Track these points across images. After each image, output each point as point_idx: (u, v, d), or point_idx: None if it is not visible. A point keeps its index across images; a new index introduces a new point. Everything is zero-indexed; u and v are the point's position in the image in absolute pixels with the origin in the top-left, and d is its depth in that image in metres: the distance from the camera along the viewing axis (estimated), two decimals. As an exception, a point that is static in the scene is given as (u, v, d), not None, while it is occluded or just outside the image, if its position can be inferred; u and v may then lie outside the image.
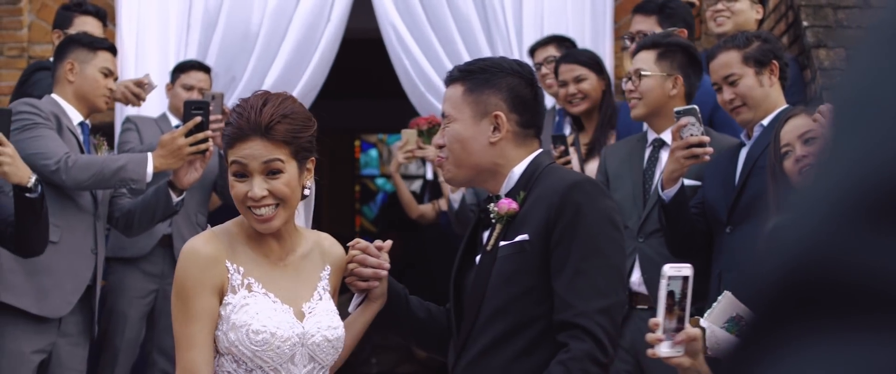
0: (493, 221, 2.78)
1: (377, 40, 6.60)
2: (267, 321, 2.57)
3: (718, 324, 3.03)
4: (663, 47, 4.22)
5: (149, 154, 4.44)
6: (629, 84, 4.30)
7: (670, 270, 2.64)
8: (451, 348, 2.87)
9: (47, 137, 4.46)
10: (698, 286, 4.09)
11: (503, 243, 2.75)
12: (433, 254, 7.26)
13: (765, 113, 4.05)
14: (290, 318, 2.61)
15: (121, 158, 4.53)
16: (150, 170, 4.42)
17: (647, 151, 4.30)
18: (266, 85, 6.28)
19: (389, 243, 2.85)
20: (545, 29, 6.28)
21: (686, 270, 2.64)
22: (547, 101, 4.79)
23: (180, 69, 5.73)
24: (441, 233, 6.50)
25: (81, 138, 4.67)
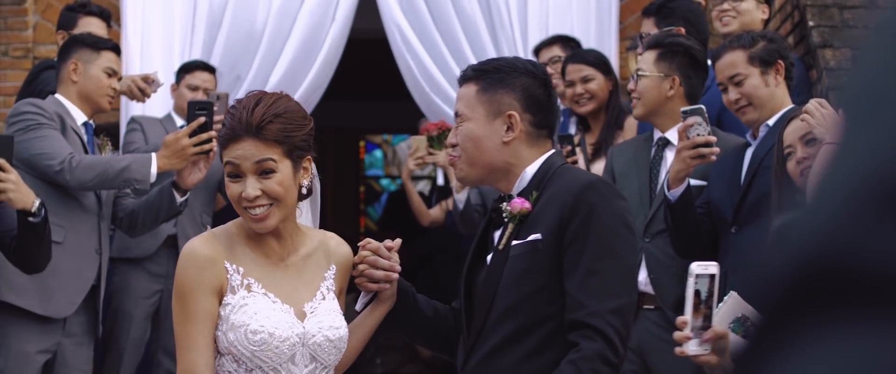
0: (506, 220, 2.78)
1: (382, 40, 6.59)
2: (265, 321, 2.57)
3: (724, 325, 3.03)
4: (664, 48, 4.22)
5: (153, 155, 4.44)
6: (631, 84, 4.32)
7: (697, 268, 2.65)
8: (461, 346, 2.86)
9: (51, 137, 4.46)
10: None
11: (515, 242, 2.74)
12: (438, 254, 7.25)
13: (770, 113, 4.04)
14: (290, 318, 2.61)
15: (125, 158, 4.53)
16: (154, 170, 4.42)
17: (652, 150, 4.29)
18: (270, 84, 6.29)
19: (398, 241, 2.84)
20: (550, 29, 6.28)
21: (712, 268, 2.66)
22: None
23: (185, 69, 5.74)
24: (446, 233, 6.50)
25: (85, 138, 4.67)
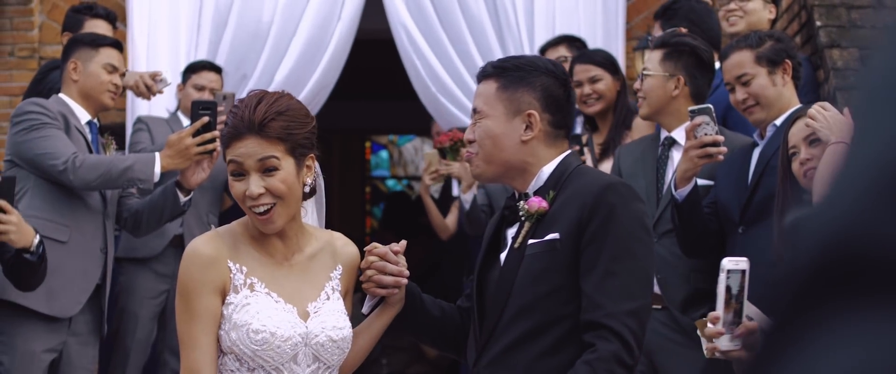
0: (523, 219, 2.77)
1: (388, 41, 6.59)
2: (267, 320, 2.57)
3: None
4: (669, 48, 4.23)
5: (156, 154, 4.45)
6: (638, 83, 4.33)
7: (729, 263, 2.66)
8: (471, 344, 2.85)
9: (55, 136, 4.46)
10: (711, 286, 4.10)
11: (532, 241, 2.74)
12: (444, 255, 7.25)
13: (778, 113, 4.03)
14: (293, 318, 2.61)
15: (128, 158, 4.54)
16: (158, 170, 4.42)
17: (659, 150, 4.29)
18: (275, 83, 6.28)
19: (404, 243, 2.83)
20: (557, 29, 6.27)
21: (743, 263, 2.67)
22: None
23: (192, 69, 5.74)
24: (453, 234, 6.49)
25: (89, 138, 4.68)
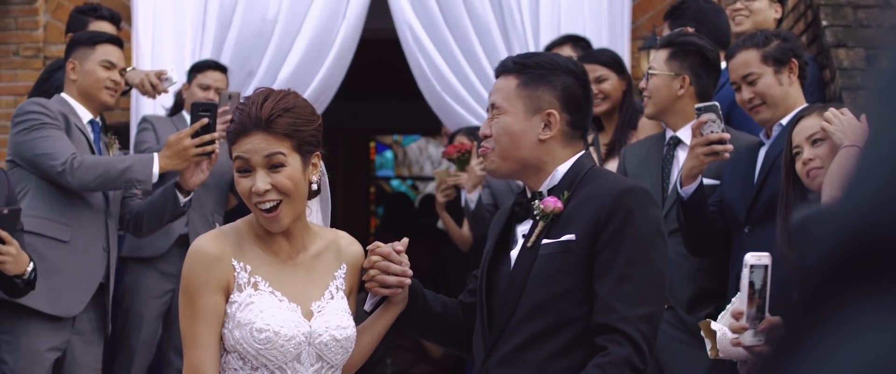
0: (537, 218, 2.76)
1: (393, 41, 6.58)
2: (271, 319, 2.56)
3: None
4: (675, 47, 4.23)
5: (155, 155, 4.47)
6: (643, 83, 4.33)
7: (752, 258, 2.66)
8: (478, 341, 2.83)
9: (54, 137, 4.47)
10: (716, 286, 4.09)
11: (546, 241, 2.72)
12: (449, 256, 7.25)
13: (784, 112, 4.03)
14: (297, 317, 2.60)
15: (126, 158, 4.54)
16: (156, 170, 4.44)
17: (664, 149, 4.29)
18: (279, 81, 6.28)
19: (405, 241, 2.82)
20: (562, 29, 6.26)
21: (766, 258, 2.67)
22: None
23: (197, 69, 5.73)
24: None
25: (91, 137, 4.68)
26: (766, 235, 3.77)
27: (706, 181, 3.97)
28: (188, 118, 5.61)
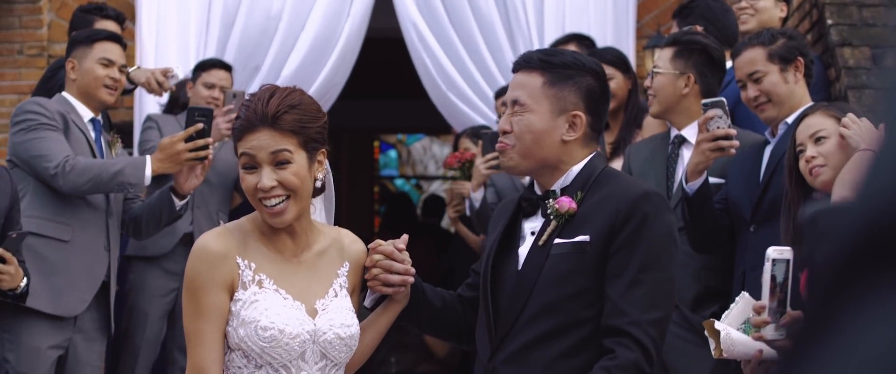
0: (550, 217, 2.75)
1: (397, 40, 6.58)
2: (275, 317, 2.56)
3: (735, 326, 3.02)
4: (680, 46, 4.23)
5: (147, 157, 4.48)
6: (648, 81, 4.32)
7: (774, 252, 2.66)
8: (484, 338, 2.81)
9: (50, 138, 4.47)
10: (721, 285, 4.09)
11: (559, 240, 2.71)
12: (455, 256, 7.25)
13: (789, 110, 4.02)
14: (301, 315, 2.59)
15: (118, 162, 4.54)
16: (149, 173, 4.45)
17: (669, 148, 4.28)
18: (283, 78, 6.27)
19: (405, 238, 2.82)
20: (567, 28, 6.25)
21: (788, 253, 2.67)
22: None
23: (202, 67, 5.73)
24: (452, 236, 6.52)
25: (92, 136, 4.68)
26: (772, 233, 3.76)
27: (711, 180, 3.97)
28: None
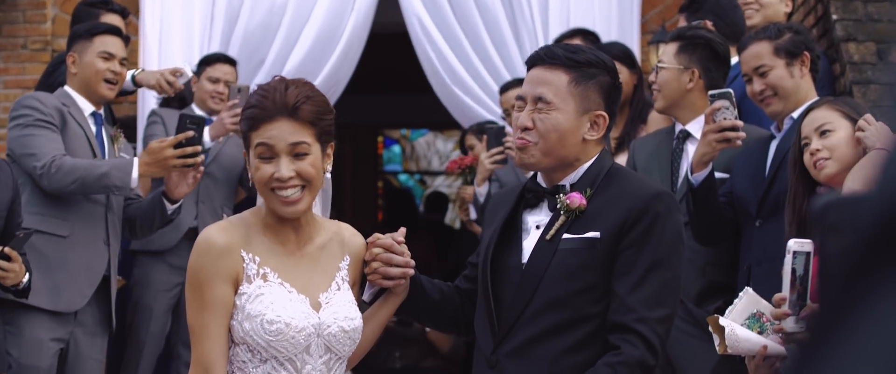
0: (560, 212, 2.74)
1: (402, 35, 6.57)
2: (281, 311, 2.55)
3: (739, 321, 3.02)
4: (685, 40, 4.22)
5: (135, 160, 4.48)
6: (652, 76, 4.32)
7: (795, 245, 2.67)
8: (485, 331, 2.80)
9: (41, 136, 4.47)
10: (726, 280, 4.08)
11: (568, 235, 2.71)
12: (460, 256, 7.27)
13: (795, 105, 4.01)
14: (306, 308, 2.59)
15: (105, 164, 4.52)
16: (136, 176, 4.44)
17: (673, 143, 4.28)
18: (286, 71, 6.26)
19: (403, 230, 2.81)
20: (571, 22, 6.24)
21: (808, 245, 2.67)
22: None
23: (206, 62, 5.73)
24: (464, 233, 6.51)
25: (93, 130, 4.68)
26: (778, 228, 3.75)
27: (716, 175, 3.96)
28: (197, 111, 5.62)
